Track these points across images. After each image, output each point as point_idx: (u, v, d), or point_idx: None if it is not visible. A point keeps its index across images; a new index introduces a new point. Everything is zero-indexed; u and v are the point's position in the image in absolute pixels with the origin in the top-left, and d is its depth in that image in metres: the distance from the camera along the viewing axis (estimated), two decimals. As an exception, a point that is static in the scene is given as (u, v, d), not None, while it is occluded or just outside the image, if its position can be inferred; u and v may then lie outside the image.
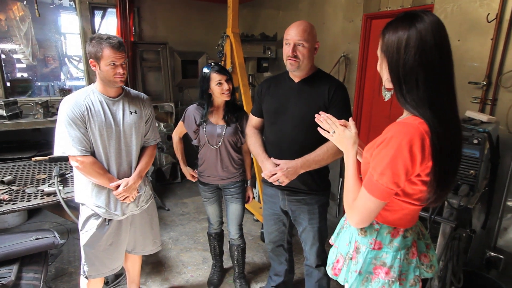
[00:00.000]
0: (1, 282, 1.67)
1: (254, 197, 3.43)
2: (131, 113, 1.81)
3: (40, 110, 3.27)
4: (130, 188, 1.79)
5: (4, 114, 3.08)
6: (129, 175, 1.83)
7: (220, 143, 2.10)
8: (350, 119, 1.24)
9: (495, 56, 2.15)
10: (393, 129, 0.96)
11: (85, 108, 1.68)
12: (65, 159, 2.79)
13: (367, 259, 1.09)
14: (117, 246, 1.90)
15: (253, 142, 1.94)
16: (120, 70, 1.67)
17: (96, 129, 1.70)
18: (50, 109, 3.44)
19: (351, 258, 1.14)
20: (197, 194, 4.09)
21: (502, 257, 2.22)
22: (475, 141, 1.64)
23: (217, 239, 2.46)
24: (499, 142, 2.02)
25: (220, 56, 3.46)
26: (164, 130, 4.20)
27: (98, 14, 4.27)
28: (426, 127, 0.93)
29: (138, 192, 1.89)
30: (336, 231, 1.34)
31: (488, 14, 2.14)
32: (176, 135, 2.30)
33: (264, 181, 1.98)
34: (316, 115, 1.28)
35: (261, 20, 4.59)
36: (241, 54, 3.22)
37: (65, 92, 3.85)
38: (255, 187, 3.58)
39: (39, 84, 4.86)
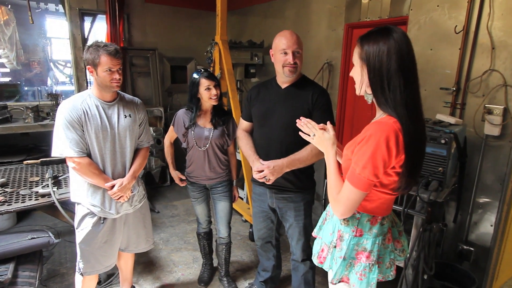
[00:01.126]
0: (-2, 280, 1.74)
1: (242, 198, 3.55)
2: (125, 117, 1.91)
3: (30, 114, 3.31)
4: (124, 188, 1.88)
5: (-6, 118, 3.11)
6: (124, 176, 1.92)
7: (207, 145, 2.21)
8: (328, 123, 1.37)
9: (463, 64, 2.35)
10: (371, 128, 1.10)
11: (82, 112, 1.76)
12: (57, 162, 2.86)
13: (350, 245, 1.22)
14: (111, 244, 1.98)
15: (244, 144, 2.07)
16: (116, 76, 1.77)
17: (92, 131, 1.79)
18: (40, 114, 3.48)
19: (335, 246, 1.27)
20: (186, 196, 4.16)
21: (473, 249, 2.40)
22: (443, 141, 1.81)
23: (206, 238, 2.55)
24: (466, 143, 2.20)
25: (209, 62, 3.58)
26: (154, 134, 4.28)
27: (87, 20, 4.34)
28: (399, 125, 1.08)
29: (132, 192, 1.98)
30: (318, 224, 1.47)
31: (456, 26, 2.34)
32: (168, 139, 2.40)
33: (253, 180, 2.11)
34: (297, 120, 1.41)
35: (249, 28, 4.74)
36: (229, 61, 3.34)
37: (53, 97, 3.89)
38: (242, 189, 3.69)
39: (26, 89, 4.86)
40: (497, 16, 2.16)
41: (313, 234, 1.50)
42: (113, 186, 1.84)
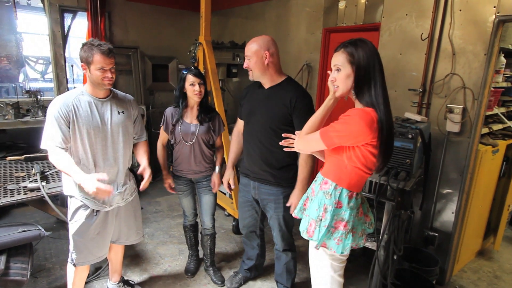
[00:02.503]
0: (-9, 271, 1.77)
1: (224, 193, 3.66)
2: (118, 113, 1.98)
3: (10, 111, 3.28)
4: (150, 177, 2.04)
5: (-27, 114, 3.06)
6: (116, 170, 2.00)
7: (194, 140, 2.33)
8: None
9: (428, 68, 2.60)
10: (354, 111, 1.33)
11: (71, 108, 1.82)
12: (41, 158, 2.87)
13: (332, 215, 1.42)
14: (103, 236, 2.05)
15: (230, 147, 2.41)
16: (109, 75, 1.84)
17: (84, 127, 1.85)
18: (20, 111, 3.44)
19: (321, 219, 1.45)
20: (169, 193, 4.20)
21: (437, 235, 2.66)
22: (410, 136, 2.03)
23: (192, 230, 2.66)
24: (431, 139, 2.45)
25: (193, 61, 3.67)
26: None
27: (68, 17, 4.30)
28: (376, 114, 1.31)
29: (123, 186, 2.06)
30: (299, 206, 1.64)
31: (422, 33, 2.59)
32: (160, 142, 2.45)
33: (241, 171, 2.27)
34: (282, 143, 1.65)
35: (230, 29, 4.87)
36: (213, 60, 3.46)
37: (32, 94, 3.84)
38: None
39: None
40: (457, 25, 2.42)
41: (294, 215, 1.69)
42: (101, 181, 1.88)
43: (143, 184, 2.01)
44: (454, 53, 2.45)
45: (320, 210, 1.46)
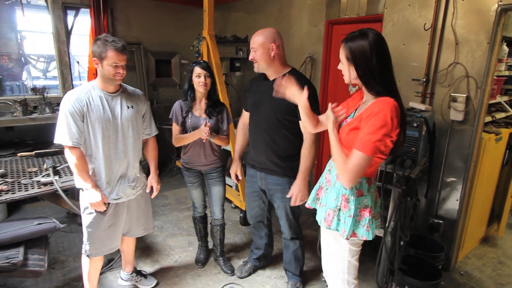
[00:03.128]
0: (12, 262, 1.83)
1: (230, 186, 3.71)
2: (128, 108, 2.02)
3: (18, 108, 3.32)
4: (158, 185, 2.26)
5: (-18, 112, 3.11)
6: (126, 163, 2.04)
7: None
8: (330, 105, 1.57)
9: (431, 58, 2.63)
10: (377, 106, 1.32)
11: (85, 103, 1.87)
12: (52, 153, 2.92)
13: (356, 205, 1.45)
14: (115, 228, 2.11)
15: (236, 139, 2.43)
16: (121, 71, 1.88)
17: (95, 121, 1.90)
18: (27, 108, 3.48)
19: (340, 209, 1.48)
20: (176, 187, 4.29)
21: (441, 222, 2.71)
22: (415, 124, 2.07)
23: (201, 221, 2.72)
24: (435, 127, 2.49)
25: (197, 56, 3.70)
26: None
27: (70, 14, 4.32)
28: (397, 103, 1.33)
29: (134, 180, 2.11)
30: (311, 197, 1.68)
31: (425, 23, 2.62)
32: (174, 137, 2.44)
33: (247, 162, 2.31)
34: (276, 83, 1.61)
35: (232, 23, 4.89)
36: (217, 54, 3.49)
37: (38, 91, 3.88)
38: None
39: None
40: (460, 15, 2.44)
41: (307, 205, 1.71)
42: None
43: (152, 195, 2.24)
44: (457, 42, 2.48)
45: (339, 200, 1.48)
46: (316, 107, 2.07)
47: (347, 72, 1.43)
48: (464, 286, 2.55)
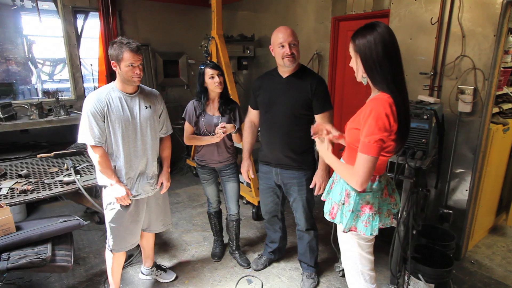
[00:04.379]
0: (41, 257, 1.91)
1: (242, 182, 3.79)
2: (146, 108, 2.10)
3: (35, 111, 3.41)
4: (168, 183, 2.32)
5: (1, 116, 3.21)
6: (145, 161, 2.12)
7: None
8: (333, 129, 1.65)
9: (438, 51, 2.68)
10: (370, 104, 1.37)
11: (105, 104, 1.95)
12: (70, 154, 3.01)
13: (356, 200, 1.51)
14: (136, 224, 2.19)
15: (244, 137, 2.46)
16: (137, 71, 1.95)
17: (116, 121, 1.98)
18: (43, 111, 3.57)
19: (343, 203, 1.55)
20: (187, 185, 4.38)
21: (451, 212, 2.76)
22: (425, 117, 2.13)
23: (216, 216, 2.79)
24: (444, 119, 2.54)
25: (206, 56, 3.78)
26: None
27: (80, 17, 4.41)
28: (391, 99, 1.35)
29: (152, 177, 2.19)
30: (326, 189, 1.75)
31: (432, 18, 2.67)
32: (186, 137, 2.51)
33: (260, 159, 2.38)
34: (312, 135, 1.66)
35: (238, 22, 4.95)
36: (226, 54, 3.56)
37: (51, 94, 3.98)
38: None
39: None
40: (466, 8, 2.49)
41: (322, 198, 1.78)
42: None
43: (162, 191, 2.28)
44: (464, 35, 2.52)
45: (342, 195, 1.55)
46: (329, 105, 2.14)
47: (356, 67, 1.46)
48: (475, 274, 2.61)
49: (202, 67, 2.36)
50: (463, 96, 2.51)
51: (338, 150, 1.83)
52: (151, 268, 2.54)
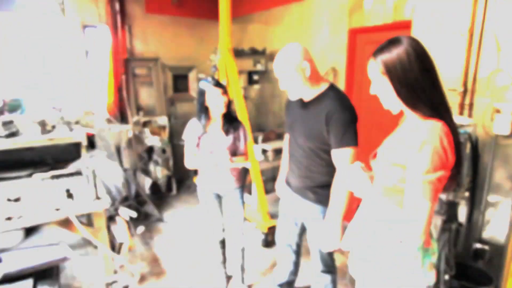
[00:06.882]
0: (19, 297, 1.72)
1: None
2: None
3: (38, 128, 3.30)
4: None
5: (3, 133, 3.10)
6: None
7: (219, 152, 2.22)
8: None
9: (469, 65, 2.38)
10: (423, 135, 1.07)
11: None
12: (67, 175, 2.85)
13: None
14: None
15: (282, 163, 2.24)
16: None
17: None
18: (46, 127, 3.46)
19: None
20: (193, 205, 4.16)
21: (487, 248, 2.41)
22: (458, 142, 1.84)
23: (220, 246, 2.54)
24: (477, 142, 2.23)
25: (214, 70, 3.60)
26: (160, 144, 4.27)
27: (89, 32, 4.35)
28: (447, 127, 1.08)
29: None
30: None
31: (461, 28, 2.38)
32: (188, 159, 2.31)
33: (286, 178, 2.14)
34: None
35: (249, 35, 4.78)
36: (235, 69, 3.37)
37: (55, 110, 3.89)
38: (250, 193, 3.68)
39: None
40: (501, 18, 2.20)
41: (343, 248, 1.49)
42: None
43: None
44: (499, 48, 2.23)
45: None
46: (347, 138, 1.76)
47: (384, 92, 1.18)
48: (517, 322, 2.23)
49: (203, 86, 2.16)
50: (500, 115, 2.20)
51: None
52: None
